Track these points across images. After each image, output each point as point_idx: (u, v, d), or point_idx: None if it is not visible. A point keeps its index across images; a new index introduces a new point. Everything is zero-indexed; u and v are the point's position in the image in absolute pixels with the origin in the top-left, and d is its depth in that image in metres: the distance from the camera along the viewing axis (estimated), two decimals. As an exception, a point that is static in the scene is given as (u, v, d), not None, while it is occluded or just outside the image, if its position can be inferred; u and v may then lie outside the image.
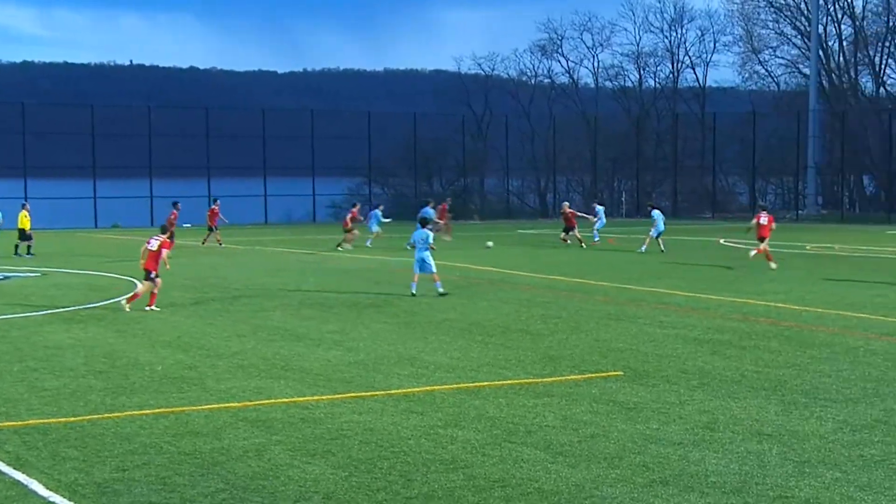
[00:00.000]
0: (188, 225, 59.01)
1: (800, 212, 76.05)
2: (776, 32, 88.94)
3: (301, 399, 15.10)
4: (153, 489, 10.88)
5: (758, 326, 22.26)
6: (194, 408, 14.51)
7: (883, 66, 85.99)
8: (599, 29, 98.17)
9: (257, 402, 14.87)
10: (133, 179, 72.60)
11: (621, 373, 17.00)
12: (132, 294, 25.45)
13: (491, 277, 32.55)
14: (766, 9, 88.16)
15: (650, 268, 35.09)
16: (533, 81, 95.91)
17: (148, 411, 14.27)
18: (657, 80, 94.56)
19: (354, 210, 48.18)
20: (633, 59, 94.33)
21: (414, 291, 27.20)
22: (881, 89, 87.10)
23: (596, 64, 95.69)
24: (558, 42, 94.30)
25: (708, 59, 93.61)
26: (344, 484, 11.09)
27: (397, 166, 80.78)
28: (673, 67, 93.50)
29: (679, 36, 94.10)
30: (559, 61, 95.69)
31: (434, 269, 27.34)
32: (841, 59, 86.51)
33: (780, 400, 15.04)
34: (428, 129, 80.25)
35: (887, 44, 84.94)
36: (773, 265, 34.20)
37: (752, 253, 35.34)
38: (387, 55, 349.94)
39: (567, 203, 48.61)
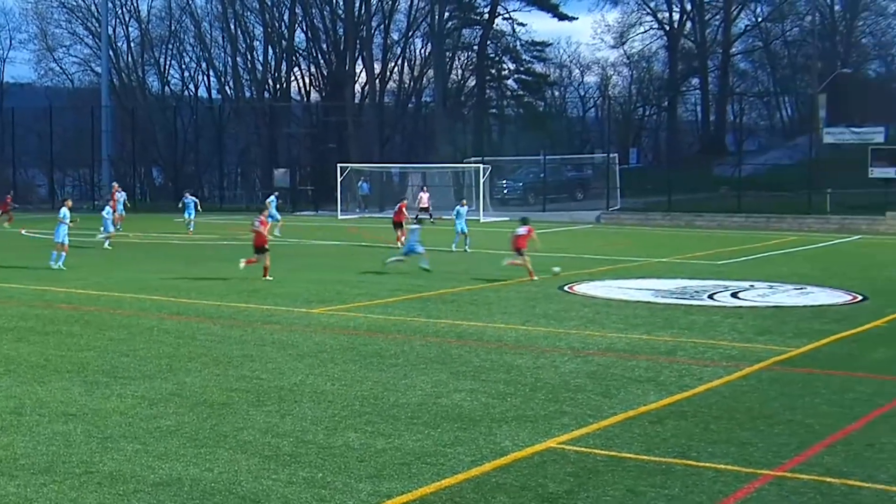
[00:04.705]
0: None
1: (96, 202, 76.08)
2: (69, 32, 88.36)
3: None
4: None
5: (60, 312, 22.26)
6: None
7: (167, 67, 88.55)
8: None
9: None
10: None
11: (-74, 366, 16.36)
12: (263, 268, 27.40)
13: None
14: (60, 9, 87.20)
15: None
16: None
17: None
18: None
19: (404, 203, 40.51)
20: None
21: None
22: (166, 88, 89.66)
23: None
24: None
25: (5, 56, 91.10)
26: None
27: None
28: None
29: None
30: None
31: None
32: (130, 59, 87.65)
33: (83, 381, 15.25)
34: None
35: (170, 46, 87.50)
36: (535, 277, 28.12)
37: (506, 262, 29.13)
38: None
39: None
